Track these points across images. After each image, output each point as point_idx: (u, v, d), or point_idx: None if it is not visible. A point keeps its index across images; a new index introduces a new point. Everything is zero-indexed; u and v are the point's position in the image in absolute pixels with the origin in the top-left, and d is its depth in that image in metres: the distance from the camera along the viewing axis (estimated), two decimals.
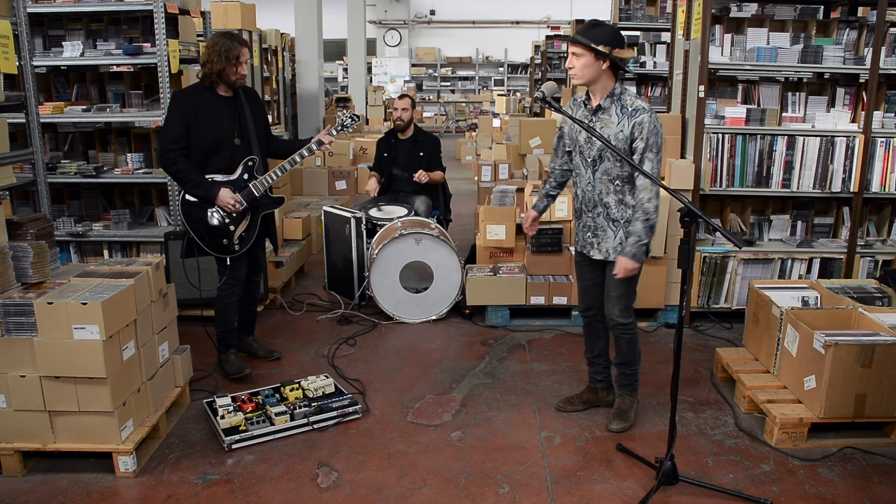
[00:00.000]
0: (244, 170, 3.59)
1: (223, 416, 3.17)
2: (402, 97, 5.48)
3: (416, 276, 4.61)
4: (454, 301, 4.62)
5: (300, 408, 3.26)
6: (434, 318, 4.62)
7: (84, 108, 4.58)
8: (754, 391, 3.33)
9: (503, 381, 3.75)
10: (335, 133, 3.82)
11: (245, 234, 3.63)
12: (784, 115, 4.44)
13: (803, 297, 3.69)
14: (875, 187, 4.39)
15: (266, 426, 3.15)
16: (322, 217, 5.21)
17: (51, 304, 2.71)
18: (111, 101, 4.86)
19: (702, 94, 4.24)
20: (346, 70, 17.31)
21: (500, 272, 4.56)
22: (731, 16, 4.49)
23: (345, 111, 3.93)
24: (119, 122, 4.94)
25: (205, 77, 3.51)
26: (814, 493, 2.78)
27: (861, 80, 4.46)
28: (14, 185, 3.51)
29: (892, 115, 4.38)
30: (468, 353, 4.13)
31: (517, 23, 18.91)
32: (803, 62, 4.30)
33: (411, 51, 19.32)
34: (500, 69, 19.33)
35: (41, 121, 4.05)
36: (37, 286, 2.94)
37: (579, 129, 3.03)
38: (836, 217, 4.67)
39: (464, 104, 19.06)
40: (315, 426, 3.23)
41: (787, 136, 4.34)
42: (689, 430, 3.26)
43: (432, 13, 19.15)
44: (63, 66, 4.90)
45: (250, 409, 3.26)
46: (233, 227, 3.58)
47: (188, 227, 3.55)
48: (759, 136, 4.35)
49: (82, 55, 4.55)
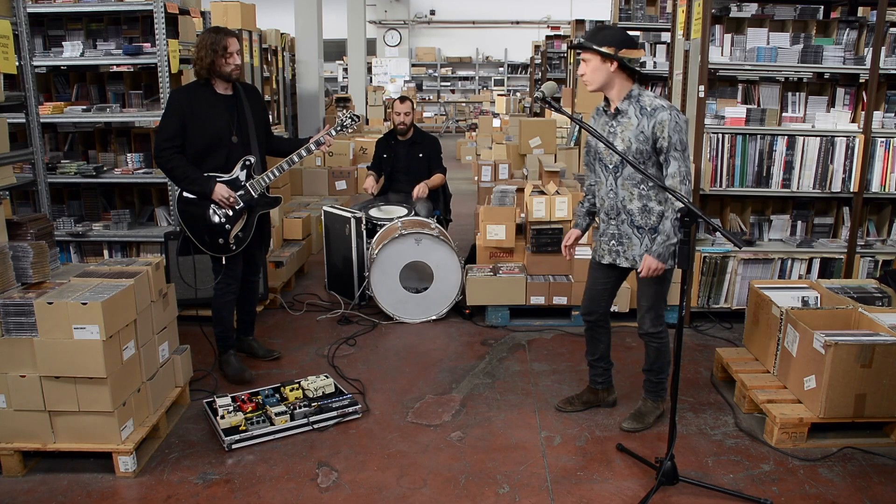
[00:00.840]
0: (241, 169, 3.58)
1: (223, 416, 3.17)
2: (403, 101, 5.46)
3: (417, 276, 4.61)
4: (454, 301, 4.62)
5: (300, 408, 3.26)
6: (434, 318, 4.62)
7: (84, 108, 4.58)
8: (754, 391, 3.33)
9: (503, 381, 3.75)
10: (335, 133, 3.82)
11: (241, 234, 3.63)
12: (784, 115, 4.44)
13: (803, 297, 3.69)
14: (875, 187, 4.39)
15: (266, 426, 3.15)
16: (322, 217, 5.21)
17: (51, 304, 2.71)
18: (111, 101, 4.86)
19: (702, 94, 4.24)
20: (346, 70, 17.31)
21: (500, 272, 4.56)
22: (731, 16, 4.49)
23: (345, 111, 3.92)
24: (119, 122, 4.94)
25: (198, 75, 3.50)
26: (814, 493, 2.78)
27: (861, 80, 4.46)
28: (14, 185, 3.51)
29: (892, 115, 4.38)
30: (468, 353, 4.13)
31: (517, 23, 18.91)
32: (803, 62, 4.30)
33: (411, 51, 19.32)
34: (500, 69, 19.33)
35: (41, 121, 4.04)
36: (37, 286, 2.94)
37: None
38: (836, 217, 4.67)
39: (464, 104, 19.06)
40: (315, 426, 3.23)
41: (787, 136, 4.34)
42: (689, 430, 3.26)
43: (432, 13, 19.15)
44: (63, 66, 4.90)
45: (250, 409, 3.26)
46: (229, 227, 3.58)
47: (184, 225, 3.55)
48: (759, 136, 4.35)
49: (82, 55, 4.55)
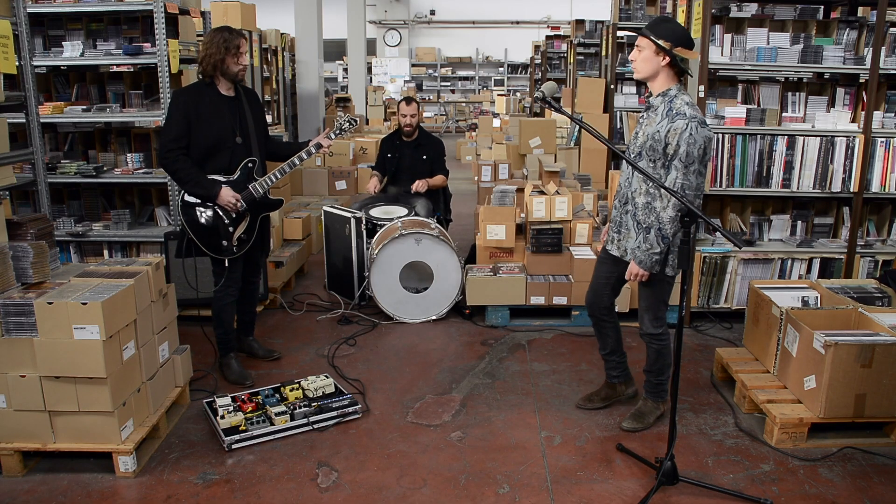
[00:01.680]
0: (244, 171, 3.58)
1: (223, 416, 3.17)
2: (408, 102, 5.44)
3: (416, 276, 4.61)
4: (454, 301, 4.62)
5: (300, 408, 3.26)
6: (434, 318, 4.62)
7: (84, 108, 4.58)
8: (754, 391, 3.33)
9: (503, 381, 3.75)
10: (333, 137, 3.82)
11: (244, 236, 3.63)
12: (784, 115, 4.44)
13: (803, 297, 3.69)
14: (875, 187, 4.39)
15: (266, 426, 3.15)
16: (322, 217, 5.21)
17: (51, 304, 2.71)
18: (111, 101, 4.86)
19: (702, 94, 4.24)
20: (346, 70, 17.31)
21: (500, 272, 4.56)
22: (731, 16, 4.49)
23: (343, 115, 3.93)
24: (119, 122, 4.94)
25: (204, 73, 3.48)
26: (814, 493, 2.78)
27: (861, 80, 4.46)
28: (14, 185, 3.51)
29: (892, 115, 4.38)
30: (468, 353, 4.13)
31: (517, 23, 18.91)
32: (803, 62, 4.30)
33: (411, 51, 19.32)
34: (500, 69, 19.33)
35: (41, 121, 4.04)
36: (37, 286, 2.94)
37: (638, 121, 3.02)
38: (836, 217, 4.67)
39: (464, 104, 19.06)
40: (315, 426, 3.23)
41: (787, 136, 4.34)
42: (689, 430, 3.26)
43: (432, 13, 19.15)
44: (63, 66, 4.90)
45: (250, 409, 3.26)
46: (232, 229, 3.58)
47: (188, 227, 3.54)
48: (759, 136, 4.35)
49: (82, 55, 4.55)
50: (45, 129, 4.71)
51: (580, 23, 9.80)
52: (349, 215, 4.81)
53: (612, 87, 7.03)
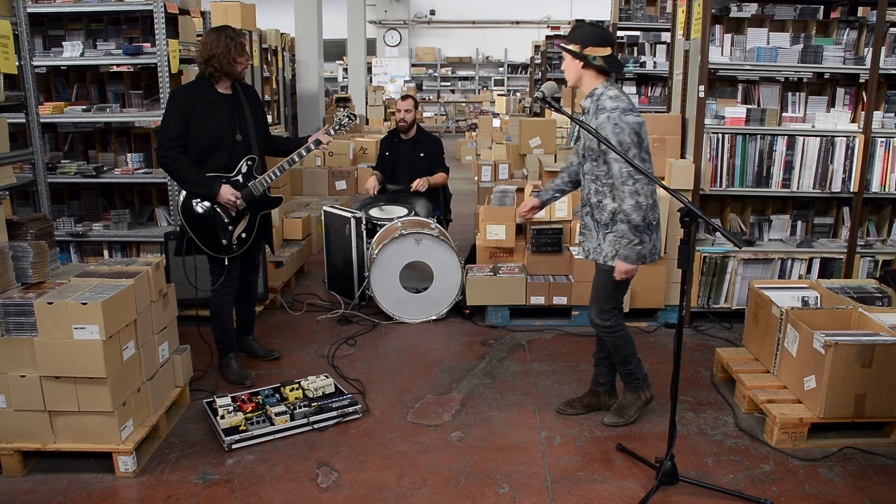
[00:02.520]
0: (244, 169, 3.58)
1: (223, 416, 3.17)
2: (405, 98, 5.47)
3: (416, 276, 4.61)
4: (454, 301, 4.61)
5: (300, 408, 3.26)
6: (434, 318, 4.62)
7: (84, 108, 4.58)
8: (754, 391, 3.33)
9: (503, 381, 3.75)
10: (333, 133, 3.82)
11: (244, 234, 3.63)
12: (784, 115, 4.44)
13: (803, 297, 3.69)
14: (875, 187, 4.39)
15: (266, 426, 3.15)
16: (322, 217, 5.21)
17: (51, 304, 2.71)
18: (111, 101, 4.86)
19: (702, 94, 4.24)
20: (346, 70, 17.31)
21: (500, 272, 4.56)
22: (731, 16, 4.49)
23: (342, 110, 3.93)
24: (119, 122, 4.94)
25: (207, 72, 3.46)
26: (814, 493, 2.78)
27: (861, 80, 4.46)
28: (14, 185, 3.51)
29: (892, 115, 4.38)
30: (468, 353, 4.13)
31: (517, 23, 18.91)
32: (803, 62, 4.30)
33: (411, 51, 19.32)
34: (500, 69, 19.33)
35: (41, 121, 4.04)
36: (37, 286, 2.94)
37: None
38: (836, 217, 4.67)
39: (464, 104, 19.06)
40: (315, 426, 3.23)
41: (787, 136, 4.34)
42: (689, 430, 3.26)
43: (432, 13, 19.15)
44: (63, 66, 4.89)
45: (250, 409, 3.26)
46: (232, 227, 3.58)
47: (187, 226, 3.54)
48: (759, 136, 4.35)
49: (82, 55, 4.55)
50: (45, 129, 4.71)
51: (580, 23, 9.80)
52: (349, 215, 4.81)
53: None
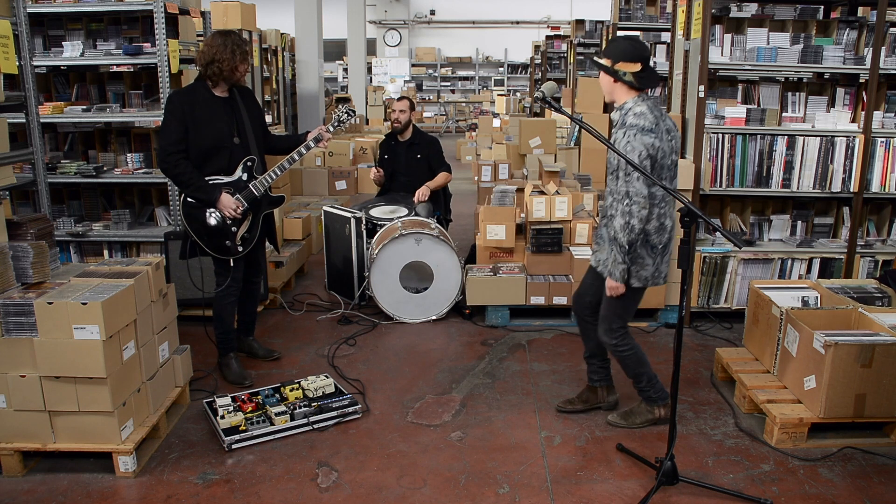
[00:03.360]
0: (243, 170, 3.58)
1: (223, 416, 3.17)
2: (400, 99, 5.48)
3: (416, 276, 4.61)
4: (454, 301, 4.61)
5: (300, 408, 3.26)
6: (434, 318, 4.62)
7: (84, 108, 4.58)
8: (754, 391, 3.33)
9: (503, 381, 3.75)
10: (332, 129, 3.82)
11: (247, 235, 3.63)
12: (784, 115, 4.44)
13: (803, 297, 3.69)
14: (875, 187, 4.39)
15: (266, 426, 3.15)
16: (322, 217, 5.21)
17: (51, 304, 2.71)
18: (111, 101, 4.86)
19: (702, 94, 4.24)
20: (346, 70, 17.32)
21: (500, 272, 4.56)
22: (731, 16, 4.49)
23: (341, 106, 3.93)
24: (119, 122, 4.94)
25: (207, 77, 3.47)
26: (814, 493, 2.78)
27: (861, 80, 4.46)
28: (14, 185, 3.51)
29: (892, 115, 4.38)
30: (468, 353, 4.13)
31: (517, 23, 18.92)
32: (803, 62, 4.30)
33: (411, 51, 19.32)
34: (500, 69, 19.33)
35: (41, 121, 4.04)
36: (37, 286, 2.94)
37: None
38: (836, 217, 4.67)
39: (464, 104, 19.07)
40: (315, 426, 3.23)
41: (787, 136, 4.34)
42: (689, 430, 3.26)
43: (432, 13, 19.15)
44: (63, 66, 4.89)
45: (250, 409, 3.26)
46: (235, 229, 3.58)
47: (190, 229, 3.54)
48: (759, 136, 4.35)
49: (82, 55, 4.55)
50: (45, 129, 4.71)
51: (580, 23, 9.81)
52: (349, 215, 4.81)
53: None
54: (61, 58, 4.59)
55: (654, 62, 6.63)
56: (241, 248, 3.61)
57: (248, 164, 3.59)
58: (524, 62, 18.79)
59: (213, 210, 3.50)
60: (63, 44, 4.62)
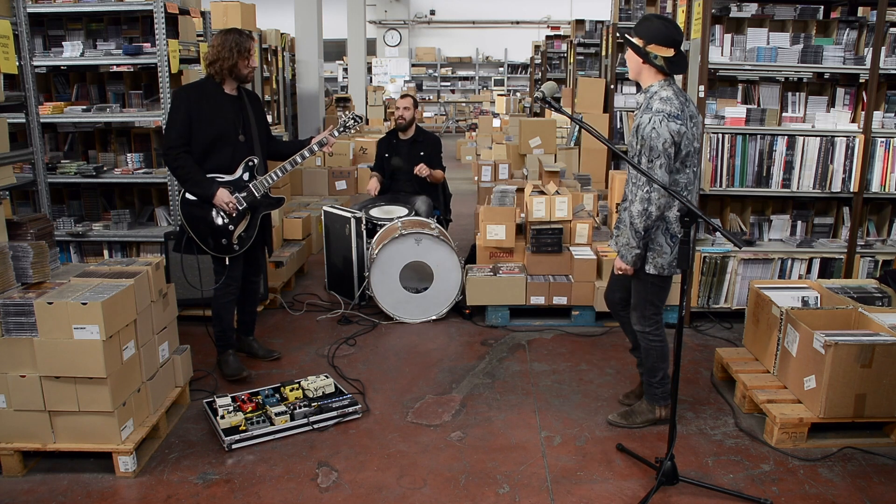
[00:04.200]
0: (245, 170, 3.58)
1: (223, 416, 3.17)
2: (403, 96, 5.49)
3: (416, 276, 4.61)
4: (454, 301, 4.61)
5: (300, 408, 3.26)
6: (434, 318, 4.62)
7: (84, 108, 4.58)
8: (754, 391, 3.33)
9: (503, 381, 3.75)
10: (337, 134, 3.82)
11: (244, 234, 3.63)
12: (784, 115, 4.44)
13: (803, 297, 3.69)
14: (875, 187, 4.39)
15: (266, 426, 3.15)
16: (322, 217, 5.21)
17: (51, 304, 2.71)
18: (111, 101, 4.86)
19: (702, 94, 4.24)
20: (346, 70, 17.31)
21: (500, 272, 4.56)
22: (731, 16, 4.49)
23: (347, 112, 3.93)
24: (119, 122, 4.94)
25: (214, 74, 3.49)
26: (814, 493, 2.78)
27: (861, 80, 4.46)
28: (14, 185, 3.51)
29: (892, 115, 4.38)
30: (468, 353, 4.13)
31: (517, 23, 18.91)
32: (803, 62, 4.30)
33: (411, 51, 19.32)
34: (500, 69, 19.33)
35: (41, 121, 4.05)
36: (37, 286, 2.94)
37: None
38: (836, 217, 4.67)
39: (464, 104, 19.07)
40: (315, 426, 3.23)
41: (787, 136, 4.34)
42: (689, 430, 3.26)
43: (432, 13, 19.15)
44: (63, 66, 4.89)
45: (250, 409, 3.26)
46: (232, 227, 3.58)
47: (188, 226, 3.55)
48: (759, 136, 4.35)
49: (82, 55, 4.55)
50: (45, 129, 4.71)
51: (580, 23, 9.81)
52: (349, 215, 4.81)
53: (612, 86, 7.03)
54: (61, 58, 4.59)
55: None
56: (237, 247, 3.61)
57: (250, 164, 3.60)
58: (524, 62, 18.79)
59: (211, 208, 3.50)
60: (63, 44, 4.61)
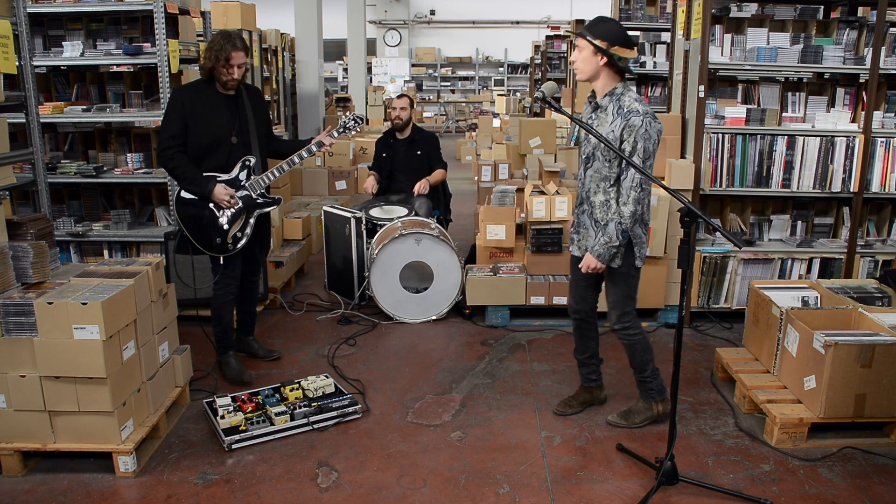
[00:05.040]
0: (241, 169, 3.58)
1: (223, 416, 3.17)
2: (400, 97, 5.49)
3: (416, 276, 4.61)
4: (454, 301, 4.61)
5: (300, 408, 3.26)
6: (434, 318, 4.62)
7: (84, 108, 4.58)
8: (754, 391, 3.33)
9: (503, 381, 3.75)
10: (336, 135, 3.82)
11: (240, 234, 3.62)
12: (784, 115, 4.44)
13: (803, 297, 3.69)
14: (875, 187, 4.38)
15: (266, 426, 3.15)
16: (322, 217, 5.21)
17: (51, 304, 2.71)
18: (111, 101, 4.86)
19: (702, 94, 4.24)
20: (346, 70, 17.31)
21: (500, 272, 4.56)
22: (731, 16, 4.49)
23: (347, 113, 3.92)
24: (119, 122, 4.94)
25: (201, 72, 3.51)
26: (814, 493, 2.78)
27: (861, 80, 4.46)
28: (14, 185, 3.51)
29: (892, 115, 4.38)
30: (468, 353, 4.13)
31: (517, 23, 18.91)
32: (803, 62, 4.30)
33: (411, 51, 19.31)
34: (500, 69, 19.32)
35: (41, 121, 4.04)
36: (37, 286, 2.94)
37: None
38: (836, 217, 4.67)
39: (464, 104, 19.06)
40: (315, 426, 3.23)
41: (787, 136, 4.34)
42: (689, 430, 3.26)
43: (432, 13, 19.15)
44: (63, 66, 4.89)
45: (250, 409, 3.26)
46: (227, 227, 3.57)
47: (182, 225, 3.55)
48: (759, 136, 4.35)
49: (82, 55, 4.55)
50: (45, 129, 4.71)
51: (580, 23, 9.79)
52: (349, 215, 4.81)
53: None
54: (61, 58, 4.59)
55: (655, 62, 6.64)
56: (231, 247, 3.60)
57: (247, 163, 3.59)
58: (524, 62, 18.79)
59: (207, 206, 3.50)
60: (63, 44, 4.61)
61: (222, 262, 3.62)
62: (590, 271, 3.01)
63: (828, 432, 3.15)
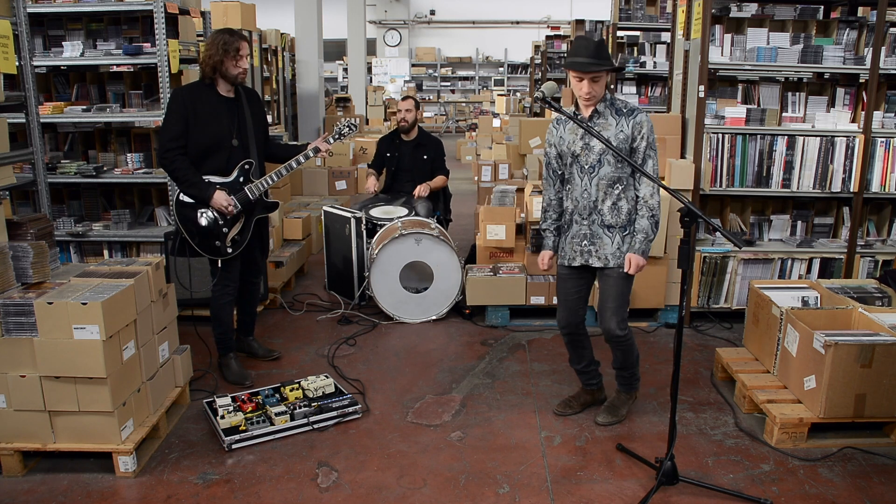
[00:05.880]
0: (240, 172, 3.58)
1: (223, 416, 3.17)
2: (405, 98, 5.50)
3: (416, 276, 4.61)
4: (454, 301, 4.61)
5: (300, 408, 3.26)
6: (434, 318, 4.62)
7: (84, 108, 4.58)
8: (754, 391, 3.33)
9: (503, 381, 3.75)
10: (332, 141, 3.81)
11: (238, 237, 3.62)
12: (784, 115, 4.44)
13: (803, 297, 3.69)
14: (875, 187, 4.38)
15: (266, 426, 3.15)
16: (322, 217, 5.21)
17: (51, 304, 2.71)
18: (111, 101, 4.86)
19: (702, 94, 4.24)
20: (346, 70, 17.31)
21: (500, 272, 4.56)
22: (731, 16, 4.49)
23: (343, 119, 3.92)
24: (119, 122, 4.94)
25: (204, 74, 3.50)
26: (814, 493, 2.78)
27: (861, 80, 4.46)
28: (14, 185, 3.51)
29: (892, 115, 4.38)
30: (468, 353, 4.13)
31: (517, 23, 18.91)
32: (803, 62, 4.30)
33: (411, 51, 19.31)
34: (500, 69, 19.32)
35: (41, 121, 4.04)
36: (37, 286, 2.94)
37: (574, 140, 3.07)
38: (836, 217, 4.67)
39: (464, 104, 19.06)
40: (315, 426, 3.23)
41: (787, 136, 4.34)
42: (689, 430, 3.26)
43: (432, 13, 19.15)
44: (63, 66, 4.90)
45: (250, 409, 3.26)
46: (226, 230, 3.57)
47: (181, 227, 3.54)
48: (759, 136, 4.35)
49: (82, 55, 4.55)
50: (45, 129, 4.71)
51: (580, 23, 9.79)
52: (349, 215, 4.81)
53: (612, 86, 7.03)
54: (61, 58, 4.59)
55: (655, 62, 6.64)
56: (230, 250, 3.60)
57: (246, 166, 3.59)
58: (524, 62, 18.79)
59: (205, 210, 3.50)
60: (63, 44, 4.62)
61: (220, 264, 3.62)
62: (637, 270, 3.04)
63: (828, 432, 3.15)
